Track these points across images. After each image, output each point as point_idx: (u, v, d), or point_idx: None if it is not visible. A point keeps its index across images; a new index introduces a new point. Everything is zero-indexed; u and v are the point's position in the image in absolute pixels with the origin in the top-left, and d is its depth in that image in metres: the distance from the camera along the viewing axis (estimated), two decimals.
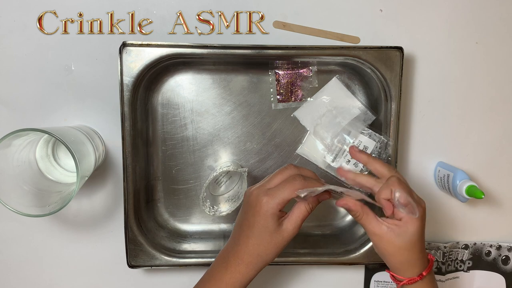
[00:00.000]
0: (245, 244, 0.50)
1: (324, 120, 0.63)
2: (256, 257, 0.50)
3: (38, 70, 0.62)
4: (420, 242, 0.50)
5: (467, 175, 0.62)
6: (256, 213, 0.49)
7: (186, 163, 0.65)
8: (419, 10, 0.65)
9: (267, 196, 0.49)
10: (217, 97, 0.64)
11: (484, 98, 0.67)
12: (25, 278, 0.66)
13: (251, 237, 0.50)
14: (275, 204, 0.48)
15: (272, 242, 0.49)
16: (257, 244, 0.50)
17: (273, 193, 0.49)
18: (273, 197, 0.48)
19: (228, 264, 0.51)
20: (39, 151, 0.59)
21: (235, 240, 0.52)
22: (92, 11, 0.61)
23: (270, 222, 0.49)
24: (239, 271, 0.50)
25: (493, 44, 0.66)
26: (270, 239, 0.49)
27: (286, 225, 0.49)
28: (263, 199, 0.49)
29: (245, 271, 0.50)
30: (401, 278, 0.50)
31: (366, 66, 0.60)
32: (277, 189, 0.49)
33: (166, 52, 0.57)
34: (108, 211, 0.65)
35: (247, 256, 0.50)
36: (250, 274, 0.50)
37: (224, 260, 0.52)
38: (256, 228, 0.49)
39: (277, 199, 0.48)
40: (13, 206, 0.50)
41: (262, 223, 0.49)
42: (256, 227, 0.49)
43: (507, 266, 0.70)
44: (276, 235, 0.49)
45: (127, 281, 0.67)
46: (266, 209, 0.48)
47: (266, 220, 0.49)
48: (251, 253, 0.50)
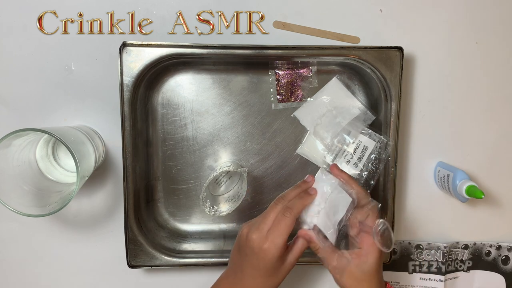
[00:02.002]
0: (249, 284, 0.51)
1: (324, 120, 0.63)
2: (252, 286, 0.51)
3: (38, 70, 0.62)
4: (378, 273, 0.51)
5: (467, 175, 0.62)
6: (261, 259, 0.49)
7: (186, 163, 0.65)
8: (419, 10, 0.65)
9: (268, 242, 0.49)
10: (217, 97, 0.64)
11: (484, 98, 0.67)
12: (25, 278, 0.66)
13: (256, 277, 0.50)
14: (278, 248, 0.48)
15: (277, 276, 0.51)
16: (264, 282, 0.50)
17: (273, 238, 0.49)
18: (274, 242, 0.48)
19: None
20: (39, 151, 0.59)
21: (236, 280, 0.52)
22: (92, 11, 0.61)
23: (276, 263, 0.49)
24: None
25: (493, 44, 0.66)
26: (276, 275, 0.50)
27: (291, 259, 0.51)
28: (265, 245, 0.49)
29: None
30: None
31: (366, 66, 0.60)
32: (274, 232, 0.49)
33: (166, 52, 0.57)
34: (108, 211, 0.65)
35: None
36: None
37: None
38: (262, 270, 0.49)
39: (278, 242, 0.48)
40: (13, 206, 0.50)
41: (269, 266, 0.49)
42: (262, 269, 0.49)
43: (507, 266, 0.70)
44: (280, 270, 0.50)
45: (127, 281, 0.67)
46: (271, 256, 0.49)
47: (271, 262, 0.49)
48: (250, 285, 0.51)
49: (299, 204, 0.51)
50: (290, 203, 0.51)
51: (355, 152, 0.62)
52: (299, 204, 0.51)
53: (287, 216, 0.49)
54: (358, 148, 0.62)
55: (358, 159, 0.62)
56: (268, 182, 0.65)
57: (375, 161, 0.62)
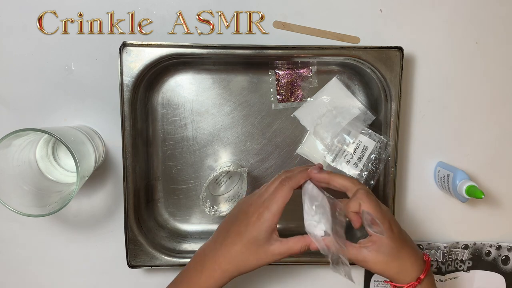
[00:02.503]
0: (227, 250, 0.49)
1: (324, 120, 0.63)
2: (234, 266, 0.49)
3: (38, 70, 0.62)
4: (404, 248, 0.49)
5: (467, 175, 0.62)
6: (251, 223, 0.49)
7: (186, 163, 0.65)
8: (419, 10, 0.65)
9: (263, 207, 0.49)
10: (217, 97, 0.64)
11: (484, 98, 0.67)
12: (25, 278, 0.66)
13: (236, 244, 0.49)
14: (272, 215, 0.48)
15: (256, 256, 0.49)
16: (241, 253, 0.49)
17: (267, 204, 0.49)
18: (268, 208, 0.48)
19: (204, 268, 0.50)
20: (39, 151, 0.59)
21: (216, 245, 0.51)
22: (92, 11, 0.61)
23: (262, 235, 0.48)
24: (213, 276, 0.49)
25: (493, 44, 0.66)
26: (256, 252, 0.49)
27: (275, 248, 0.49)
28: (260, 210, 0.49)
29: (219, 278, 0.49)
30: (400, 286, 0.50)
31: (366, 66, 0.60)
32: (270, 199, 0.49)
33: (166, 52, 0.57)
34: (108, 211, 0.65)
35: (226, 263, 0.49)
36: (223, 282, 0.50)
37: (200, 263, 0.51)
38: (245, 237, 0.49)
39: (273, 210, 0.48)
40: (13, 206, 0.50)
41: (254, 233, 0.48)
42: (246, 236, 0.49)
43: (507, 266, 0.70)
44: (262, 251, 0.49)
45: (127, 281, 0.67)
46: (262, 221, 0.48)
47: (259, 231, 0.48)
48: (231, 261, 0.49)
49: (299, 176, 0.50)
50: (291, 174, 0.51)
51: (355, 152, 0.62)
52: (299, 176, 0.50)
53: (284, 185, 0.49)
54: (358, 148, 0.62)
55: (358, 159, 0.62)
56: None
57: (375, 161, 0.62)
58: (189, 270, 0.52)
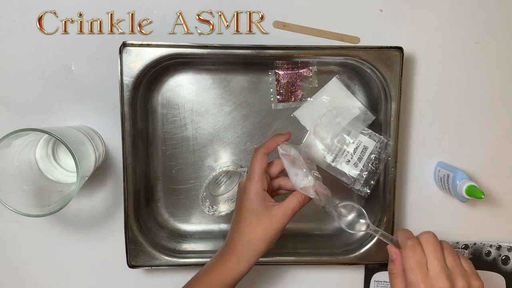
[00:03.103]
0: (236, 230, 0.51)
1: (324, 120, 0.63)
2: (246, 244, 0.50)
3: (38, 70, 0.62)
4: None
5: (467, 175, 0.62)
6: (242, 197, 0.52)
7: (186, 163, 0.65)
8: (419, 10, 0.65)
9: (246, 179, 0.52)
10: (217, 97, 0.64)
11: (484, 98, 0.67)
12: (25, 278, 0.66)
13: (240, 220, 0.51)
14: (253, 182, 0.51)
15: (260, 226, 0.50)
16: (246, 226, 0.50)
17: (249, 175, 0.52)
18: (250, 177, 0.52)
19: (221, 255, 0.52)
20: (39, 151, 0.59)
21: (229, 232, 0.53)
22: (92, 11, 0.61)
23: (255, 203, 0.50)
24: (229, 260, 0.51)
25: (493, 44, 0.66)
26: (258, 222, 0.50)
27: (276, 211, 0.50)
28: (243, 182, 0.52)
29: (235, 261, 0.51)
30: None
31: (366, 66, 0.60)
32: (249, 170, 0.52)
33: (166, 52, 0.57)
34: (108, 211, 0.65)
35: (238, 244, 0.51)
36: (241, 265, 0.51)
37: (218, 252, 0.53)
38: (243, 210, 0.51)
39: (253, 177, 0.51)
40: (13, 206, 0.50)
41: (247, 204, 0.51)
42: (244, 209, 0.51)
43: (507, 266, 0.70)
44: (264, 218, 0.50)
45: (127, 281, 0.67)
46: (248, 191, 0.51)
47: (250, 201, 0.51)
48: (241, 240, 0.51)
49: (268, 142, 0.53)
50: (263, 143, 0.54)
51: (355, 152, 0.62)
52: (268, 142, 0.53)
53: (256, 152, 0.52)
54: (358, 148, 0.62)
55: (358, 159, 0.62)
56: None
57: (375, 161, 0.62)
58: (209, 261, 0.54)
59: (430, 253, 0.44)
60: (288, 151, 0.53)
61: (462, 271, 0.44)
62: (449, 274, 0.43)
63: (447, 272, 0.43)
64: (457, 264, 0.44)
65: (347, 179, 0.63)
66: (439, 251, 0.44)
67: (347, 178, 0.63)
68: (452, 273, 0.44)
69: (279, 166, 0.55)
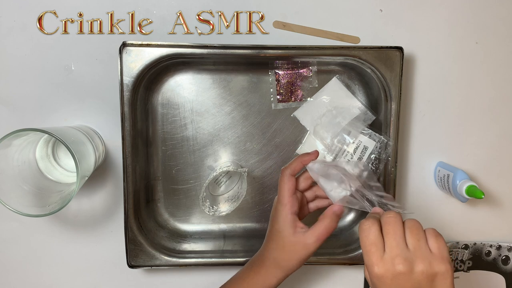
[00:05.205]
0: (265, 249, 0.53)
1: (324, 120, 0.63)
2: (273, 262, 0.52)
3: (38, 70, 0.62)
4: None
5: (467, 175, 0.62)
6: (272, 217, 0.53)
7: (186, 163, 0.65)
8: (419, 10, 0.65)
9: (277, 201, 0.53)
10: (217, 97, 0.64)
11: (484, 98, 0.67)
12: (25, 278, 0.66)
13: (269, 241, 0.53)
14: (282, 205, 0.51)
15: (290, 250, 0.51)
16: (273, 248, 0.52)
17: (278, 197, 0.52)
18: (279, 200, 0.52)
19: (253, 265, 0.54)
20: (39, 151, 0.59)
21: (263, 244, 0.55)
22: (92, 11, 0.61)
23: (283, 227, 0.51)
24: (259, 272, 0.53)
25: (493, 44, 0.66)
26: (287, 246, 0.50)
27: (308, 236, 0.50)
28: (274, 206, 0.53)
29: (265, 274, 0.52)
30: None
31: (366, 66, 0.60)
32: (278, 193, 0.53)
33: (166, 52, 0.57)
34: (108, 211, 0.65)
35: (267, 260, 0.53)
36: (269, 279, 0.52)
37: (251, 262, 0.55)
38: (272, 232, 0.52)
39: (282, 200, 0.51)
40: (13, 206, 0.50)
41: (276, 227, 0.52)
42: (272, 231, 0.52)
43: (507, 266, 0.70)
44: (295, 243, 0.50)
45: (127, 281, 0.67)
46: (278, 214, 0.52)
47: (278, 224, 0.51)
48: (269, 257, 0.52)
49: (294, 163, 0.52)
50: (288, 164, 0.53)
51: (355, 152, 0.62)
52: (294, 163, 0.52)
53: (283, 175, 0.52)
54: (358, 148, 0.62)
55: (358, 159, 0.62)
56: (268, 182, 0.65)
57: (375, 161, 0.62)
58: (243, 269, 0.56)
59: (387, 234, 0.41)
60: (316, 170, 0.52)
61: (424, 254, 0.40)
62: (408, 256, 0.40)
63: (405, 255, 0.40)
64: (419, 246, 0.41)
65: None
66: (398, 232, 0.41)
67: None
68: (412, 255, 0.40)
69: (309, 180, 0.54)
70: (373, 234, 0.42)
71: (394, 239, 0.41)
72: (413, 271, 0.40)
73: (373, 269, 0.41)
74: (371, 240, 0.42)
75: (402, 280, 0.40)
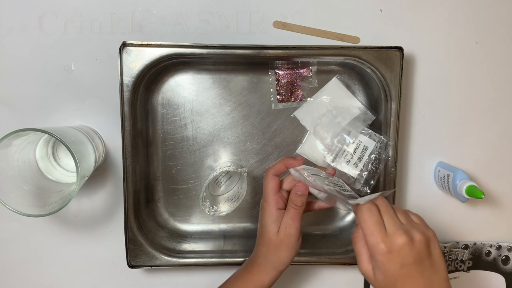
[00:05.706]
0: (257, 247, 0.55)
1: (324, 120, 0.63)
2: (263, 259, 0.54)
3: (38, 70, 0.62)
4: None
5: (467, 175, 0.62)
6: (260, 215, 0.55)
7: (186, 163, 0.65)
8: (419, 10, 0.65)
9: (262, 201, 0.54)
10: (217, 97, 0.64)
11: (484, 98, 0.67)
12: (25, 278, 0.66)
13: (258, 239, 0.55)
14: (266, 202, 0.53)
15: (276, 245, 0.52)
16: (262, 245, 0.54)
17: (263, 195, 0.54)
18: (264, 197, 0.54)
19: (248, 264, 0.56)
20: (39, 151, 0.59)
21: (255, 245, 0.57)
22: (92, 11, 0.61)
23: (268, 223, 0.53)
24: (251, 271, 0.54)
25: (493, 44, 0.66)
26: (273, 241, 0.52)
27: (281, 229, 0.52)
28: (261, 205, 0.54)
29: (257, 272, 0.54)
30: None
31: (366, 66, 0.60)
32: (263, 191, 0.54)
33: (166, 52, 0.57)
34: (108, 211, 0.65)
35: (258, 258, 0.54)
36: (262, 277, 0.54)
37: (247, 261, 0.57)
38: (260, 230, 0.54)
39: (266, 197, 0.53)
40: (13, 206, 0.50)
41: (262, 224, 0.54)
42: (260, 229, 0.54)
43: (507, 266, 0.70)
44: (281, 237, 0.52)
45: (127, 281, 0.67)
46: (263, 210, 0.54)
47: (265, 220, 0.53)
48: (260, 255, 0.54)
49: (278, 164, 0.54)
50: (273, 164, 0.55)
51: (355, 152, 0.62)
52: (279, 163, 0.54)
53: (267, 174, 0.54)
54: (358, 148, 0.62)
55: (358, 159, 0.62)
56: None
57: (375, 161, 0.62)
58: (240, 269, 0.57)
59: (384, 213, 0.46)
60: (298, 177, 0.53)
61: (415, 225, 0.46)
62: (405, 229, 0.44)
63: (403, 228, 0.44)
64: (408, 220, 0.46)
65: (347, 179, 0.63)
66: (391, 210, 0.46)
67: (347, 178, 0.63)
68: (408, 228, 0.45)
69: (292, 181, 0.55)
70: (376, 214, 0.45)
71: (391, 216, 0.45)
72: (413, 240, 0.44)
73: (379, 246, 0.44)
74: (375, 219, 0.45)
75: (406, 250, 0.43)
